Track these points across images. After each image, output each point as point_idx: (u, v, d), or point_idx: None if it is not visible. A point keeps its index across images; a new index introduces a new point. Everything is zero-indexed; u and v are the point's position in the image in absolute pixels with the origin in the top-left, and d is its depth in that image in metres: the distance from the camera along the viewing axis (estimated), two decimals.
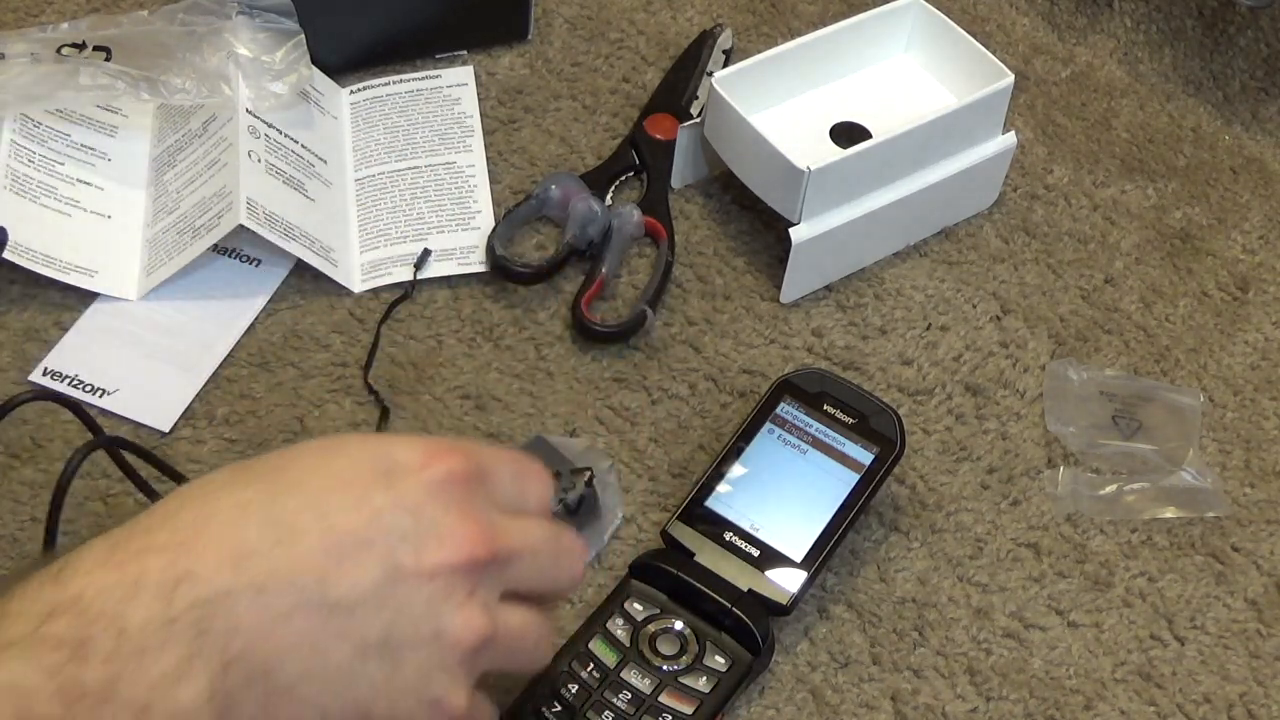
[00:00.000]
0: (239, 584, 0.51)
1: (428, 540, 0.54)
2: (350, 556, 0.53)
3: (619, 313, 0.86)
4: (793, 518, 0.75)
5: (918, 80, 0.92)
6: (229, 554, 0.51)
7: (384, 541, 0.53)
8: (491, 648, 0.56)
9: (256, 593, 0.51)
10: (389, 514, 0.54)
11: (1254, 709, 0.74)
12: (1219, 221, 0.93)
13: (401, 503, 0.54)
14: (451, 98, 0.96)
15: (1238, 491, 0.81)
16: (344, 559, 0.53)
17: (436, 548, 0.54)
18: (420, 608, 0.54)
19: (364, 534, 0.53)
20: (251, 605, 0.51)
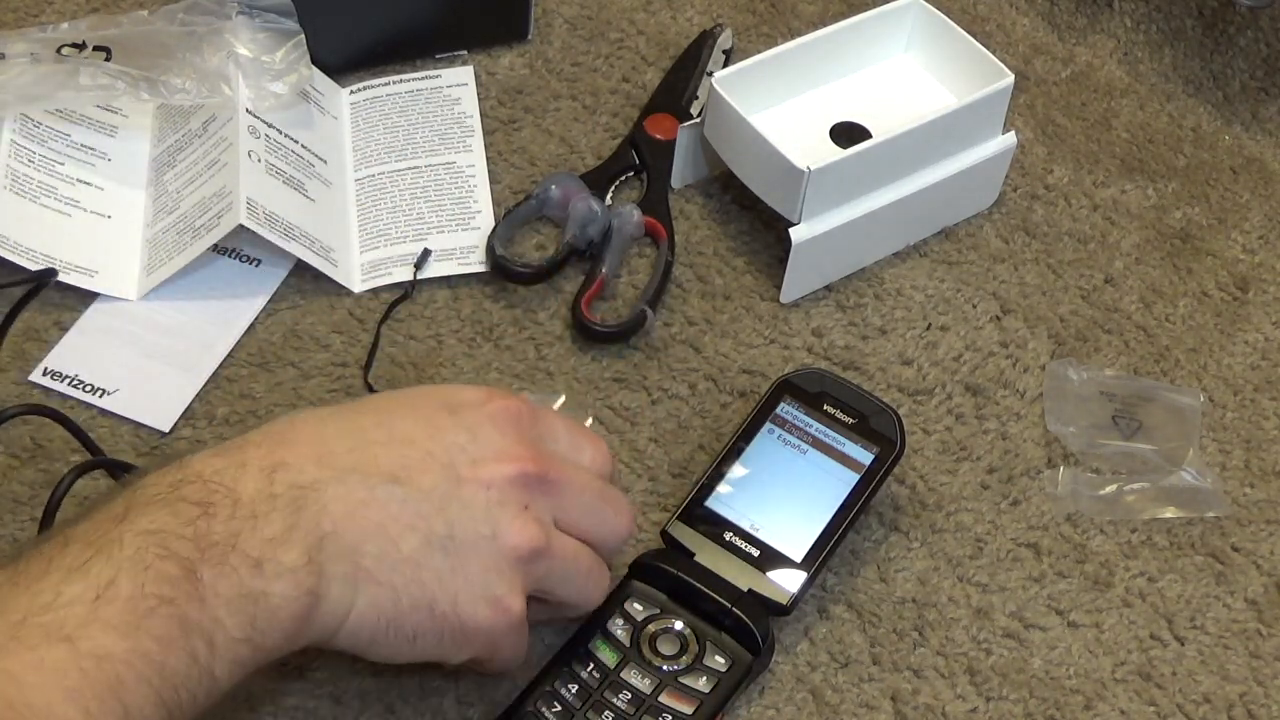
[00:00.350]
0: (323, 475, 0.59)
1: (485, 455, 0.62)
2: (415, 461, 0.61)
3: (619, 313, 0.86)
4: (793, 518, 0.75)
5: (918, 80, 0.92)
6: (313, 453, 0.60)
7: (444, 452, 0.61)
8: (545, 560, 0.63)
9: (339, 483, 0.59)
10: (449, 432, 0.62)
11: (1254, 709, 0.74)
12: (1219, 221, 0.93)
13: (461, 424, 0.62)
14: (451, 98, 0.96)
15: (1238, 491, 0.81)
16: (409, 462, 0.61)
17: (493, 461, 0.62)
18: (479, 510, 0.61)
19: (426, 444, 0.61)
20: (336, 492, 0.59)
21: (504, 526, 0.62)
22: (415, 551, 0.60)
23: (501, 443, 0.63)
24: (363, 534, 0.59)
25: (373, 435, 0.62)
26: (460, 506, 0.61)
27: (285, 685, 0.72)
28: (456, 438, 0.62)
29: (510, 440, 0.63)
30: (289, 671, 0.72)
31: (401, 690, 0.72)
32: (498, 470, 0.62)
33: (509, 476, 0.62)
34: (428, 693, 0.72)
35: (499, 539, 0.62)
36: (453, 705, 0.72)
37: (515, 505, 0.62)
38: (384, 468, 0.61)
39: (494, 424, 0.63)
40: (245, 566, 0.56)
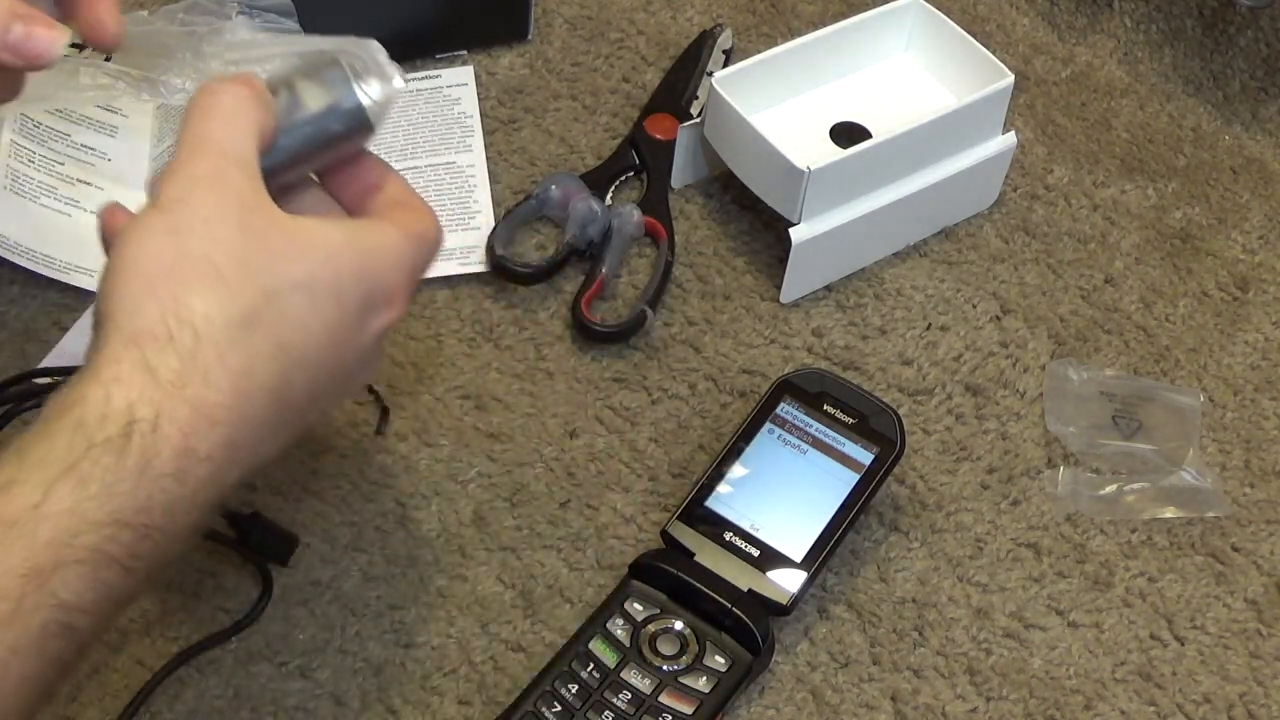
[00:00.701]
0: (233, 480, 0.57)
1: (356, 380, 0.62)
2: (308, 415, 0.59)
3: (619, 313, 0.86)
4: (793, 518, 0.75)
5: (918, 80, 0.92)
6: (244, 447, 0.57)
7: (329, 397, 0.60)
8: None
9: (241, 478, 0.57)
10: (355, 373, 0.61)
11: (1254, 709, 0.74)
12: (1219, 221, 0.93)
13: (361, 360, 0.60)
14: (451, 98, 0.96)
15: (1238, 491, 0.81)
16: (304, 418, 0.59)
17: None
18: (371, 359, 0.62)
19: (322, 399, 0.60)
20: (232, 495, 0.57)
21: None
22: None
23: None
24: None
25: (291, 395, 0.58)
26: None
27: (285, 685, 0.72)
28: (356, 360, 0.61)
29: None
30: (289, 671, 0.73)
31: (401, 690, 0.72)
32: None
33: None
34: (428, 692, 0.72)
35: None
36: (453, 705, 0.72)
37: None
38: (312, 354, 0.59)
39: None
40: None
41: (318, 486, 0.79)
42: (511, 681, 0.73)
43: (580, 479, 0.80)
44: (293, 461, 0.79)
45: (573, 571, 0.77)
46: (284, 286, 0.56)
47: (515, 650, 0.74)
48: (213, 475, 0.55)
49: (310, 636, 0.74)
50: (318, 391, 0.58)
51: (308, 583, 0.75)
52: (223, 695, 0.72)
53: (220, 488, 0.56)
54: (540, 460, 0.80)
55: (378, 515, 0.78)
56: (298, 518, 0.77)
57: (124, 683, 0.71)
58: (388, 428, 0.81)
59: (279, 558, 0.75)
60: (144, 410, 0.53)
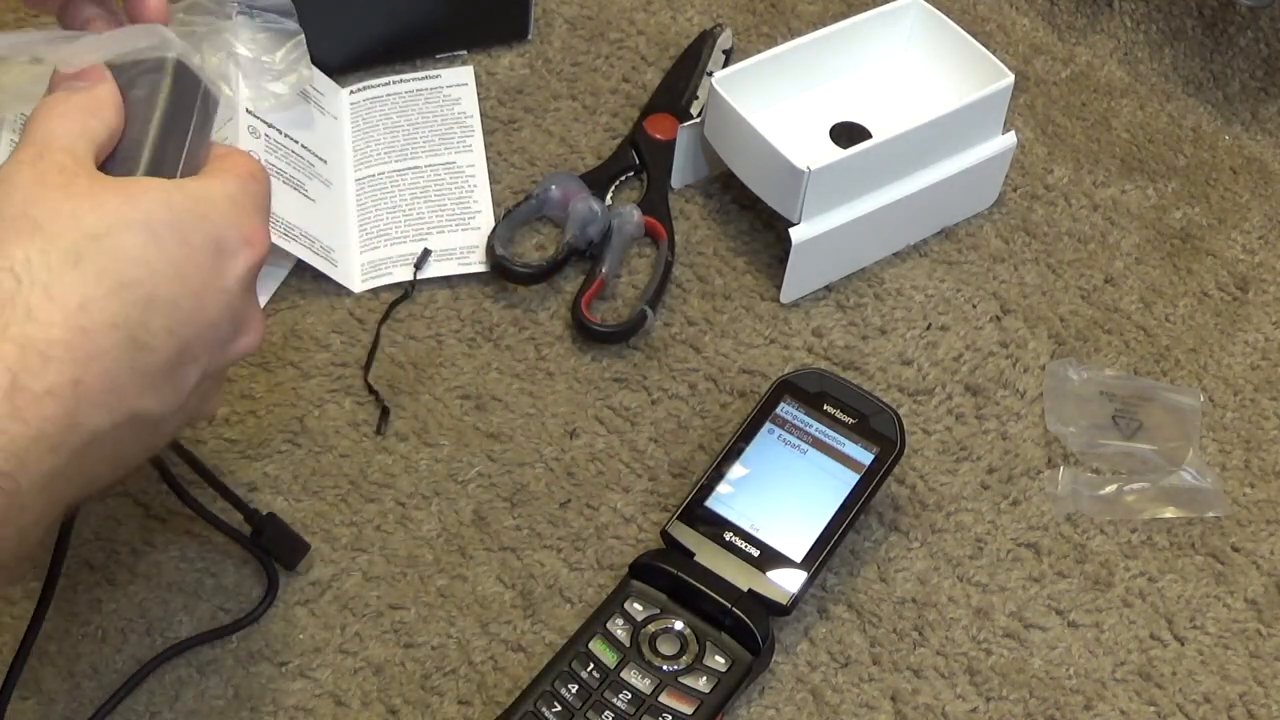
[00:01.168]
0: (103, 425, 0.54)
1: (235, 340, 0.60)
2: (181, 373, 0.57)
3: (619, 313, 0.86)
4: (793, 518, 0.75)
5: (918, 80, 0.92)
6: (99, 389, 0.54)
7: (207, 353, 0.58)
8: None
9: (114, 430, 0.55)
10: (219, 324, 0.58)
11: (1254, 709, 0.74)
12: (1219, 221, 0.93)
13: (227, 309, 0.58)
14: (451, 98, 0.96)
15: (1238, 491, 0.81)
16: (176, 378, 0.57)
17: (240, 347, 0.60)
18: (202, 397, 0.60)
19: (196, 351, 0.58)
20: (103, 448, 0.55)
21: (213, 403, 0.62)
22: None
23: (250, 317, 0.61)
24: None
25: (155, 343, 0.57)
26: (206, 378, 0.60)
27: (285, 685, 0.72)
28: (222, 328, 0.59)
29: (254, 311, 0.61)
30: (289, 671, 0.73)
31: (401, 690, 0.72)
32: (243, 348, 0.61)
33: (249, 353, 0.62)
34: (428, 692, 0.72)
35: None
36: (453, 705, 0.72)
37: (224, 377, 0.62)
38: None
39: (248, 292, 0.60)
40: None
41: (318, 486, 0.79)
42: (511, 681, 0.73)
43: (580, 479, 0.80)
44: (293, 461, 0.79)
45: (573, 571, 0.77)
46: (115, 227, 0.55)
47: (515, 650, 0.74)
48: (63, 415, 0.53)
49: (310, 636, 0.74)
50: (184, 335, 0.56)
51: (308, 583, 0.75)
52: (223, 695, 0.72)
53: (81, 431, 0.53)
54: (540, 460, 0.80)
55: (378, 515, 0.78)
56: (298, 518, 0.77)
57: (124, 683, 0.71)
58: (388, 428, 0.81)
59: (288, 562, 0.75)
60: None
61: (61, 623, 0.73)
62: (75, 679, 0.72)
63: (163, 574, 0.75)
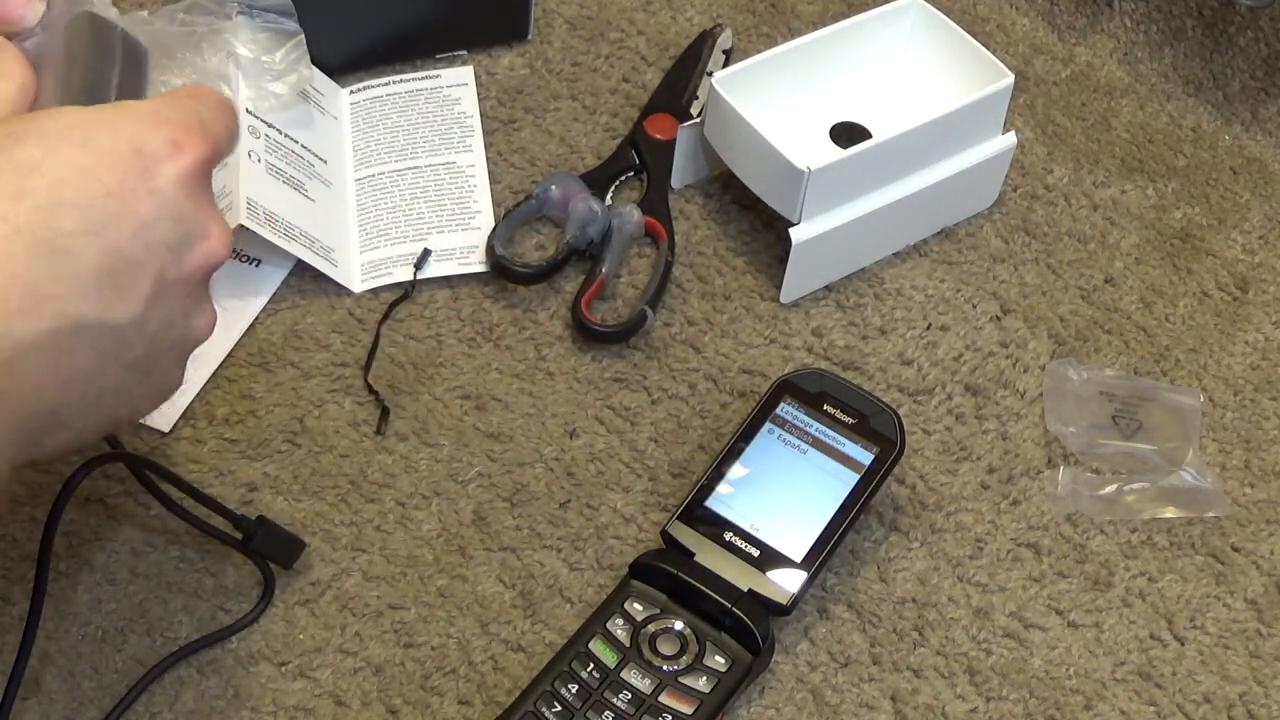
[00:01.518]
0: (29, 333, 0.53)
1: (190, 246, 0.58)
2: (125, 279, 0.55)
3: (619, 313, 0.86)
4: (793, 518, 0.75)
5: (918, 80, 0.92)
6: (16, 295, 0.53)
7: (153, 258, 0.56)
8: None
9: (50, 339, 0.53)
10: (156, 226, 0.56)
11: (1254, 709, 0.74)
12: (1219, 221, 0.93)
13: (164, 210, 0.56)
14: (451, 98, 0.96)
15: (1238, 491, 0.81)
16: (119, 284, 0.55)
17: (199, 254, 0.58)
18: (176, 315, 0.58)
19: (137, 254, 0.55)
20: (41, 359, 0.53)
21: (194, 324, 0.60)
22: (112, 380, 0.57)
23: (202, 221, 0.58)
24: (66, 391, 0.56)
25: (78, 249, 0.54)
26: (160, 320, 0.58)
27: (285, 685, 0.72)
28: (163, 232, 0.57)
29: (207, 214, 0.59)
30: (289, 671, 0.73)
31: (401, 690, 0.72)
32: (200, 263, 0.59)
33: (210, 267, 0.60)
34: (428, 692, 0.72)
35: (185, 342, 0.60)
36: (453, 705, 0.72)
37: (204, 293, 0.61)
38: (94, 297, 0.55)
39: (191, 195, 0.58)
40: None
41: (318, 486, 0.79)
42: (511, 681, 0.73)
43: (580, 479, 0.80)
44: (293, 461, 0.79)
45: (573, 571, 0.77)
46: (4, 142, 0.54)
47: (515, 650, 0.74)
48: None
49: (310, 636, 0.74)
50: (112, 237, 0.55)
51: (308, 583, 0.75)
52: (223, 695, 0.72)
53: (8, 340, 0.52)
54: (540, 460, 0.80)
55: (378, 515, 0.78)
56: (298, 518, 0.77)
57: (124, 683, 0.71)
58: (388, 428, 0.81)
59: (283, 561, 0.75)
60: None
61: (61, 623, 0.73)
62: (75, 679, 0.72)
63: (163, 574, 0.75)
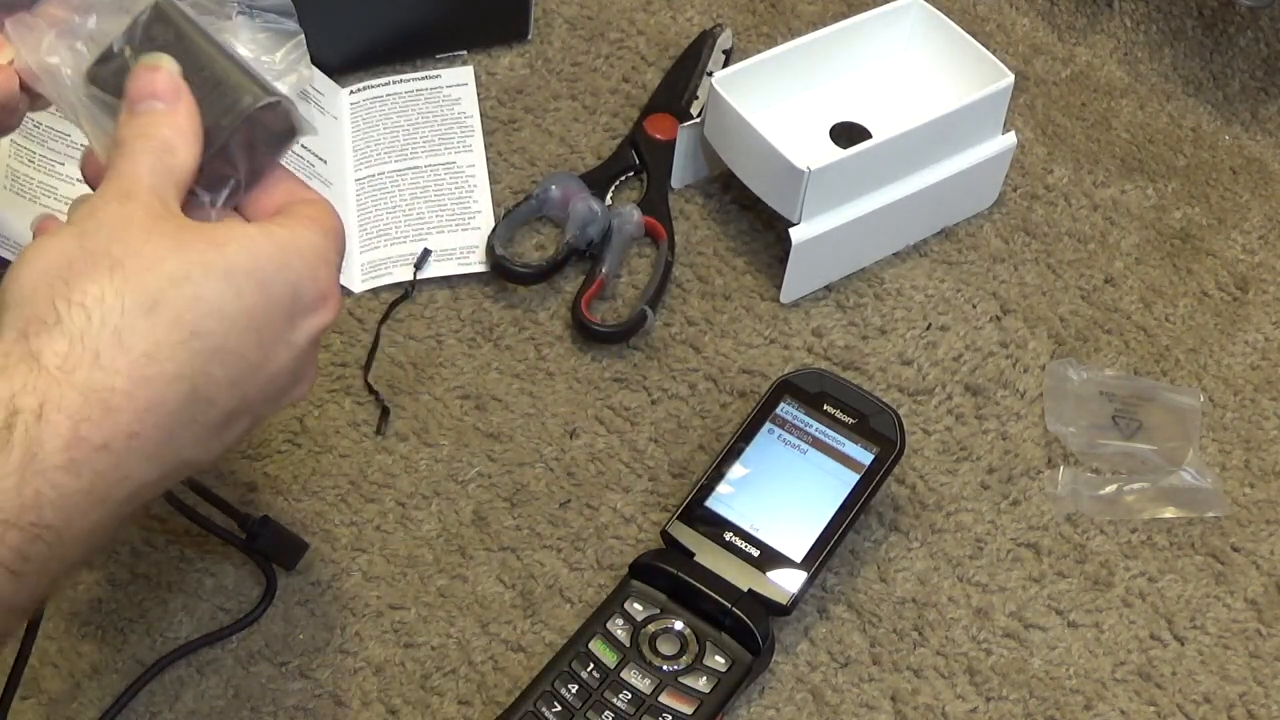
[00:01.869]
0: (150, 476, 0.53)
1: (289, 392, 0.58)
2: (237, 421, 0.56)
3: (619, 313, 0.86)
4: (793, 518, 0.75)
5: (918, 80, 0.92)
6: (154, 442, 0.53)
7: (264, 402, 0.57)
8: None
9: (164, 479, 0.54)
10: (279, 378, 0.57)
11: (1254, 709, 0.74)
12: (1219, 221, 0.93)
13: (291, 364, 0.57)
14: (451, 98, 0.96)
15: (1238, 491, 0.81)
16: (230, 425, 0.56)
17: (292, 398, 0.59)
18: (243, 431, 0.58)
19: (255, 404, 0.57)
20: (148, 491, 0.54)
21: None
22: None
23: (310, 368, 0.60)
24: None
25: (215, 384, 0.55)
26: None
27: (286, 685, 0.72)
28: (284, 372, 0.58)
29: (313, 364, 0.60)
30: (289, 671, 0.73)
31: (401, 690, 0.72)
32: (302, 393, 0.60)
33: (306, 394, 0.61)
34: (428, 692, 0.72)
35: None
36: (453, 705, 0.72)
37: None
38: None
39: (314, 348, 0.59)
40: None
41: (318, 486, 0.79)
42: (511, 681, 0.73)
43: (580, 479, 0.80)
44: (293, 461, 0.79)
45: (573, 571, 0.77)
46: (195, 273, 0.53)
47: (515, 650, 0.74)
48: (115, 468, 0.51)
49: (310, 636, 0.74)
50: (245, 388, 0.55)
51: (308, 583, 0.75)
52: (223, 695, 0.72)
53: (128, 484, 0.52)
54: (540, 460, 0.80)
55: (378, 515, 0.78)
56: (298, 518, 0.77)
57: (124, 683, 0.71)
58: (388, 428, 0.81)
59: (286, 562, 0.75)
60: (27, 399, 0.49)
61: (61, 623, 0.73)
62: (75, 679, 0.72)
63: (163, 574, 0.75)
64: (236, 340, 0.54)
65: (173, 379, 0.52)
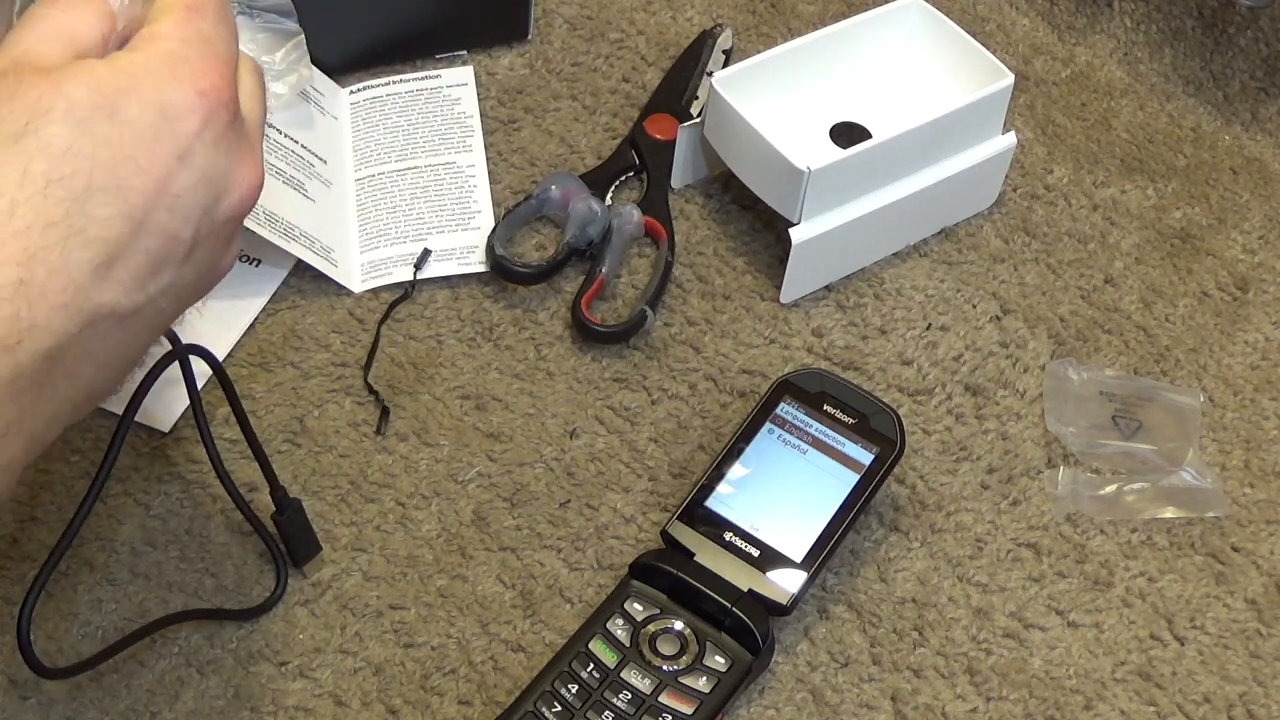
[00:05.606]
0: (70, 327, 0.52)
1: (221, 201, 0.56)
2: (160, 254, 0.55)
3: (619, 313, 0.86)
4: (793, 518, 0.75)
5: (918, 80, 0.92)
6: (55, 290, 0.52)
7: (188, 225, 0.55)
8: None
9: (89, 330, 0.53)
10: (190, 193, 0.55)
11: (1254, 709, 0.74)
12: (1219, 221, 0.93)
13: (197, 174, 0.55)
14: (451, 98, 0.96)
15: (1238, 491, 0.81)
16: (155, 261, 0.54)
17: (231, 206, 0.57)
18: (205, 265, 0.57)
19: (172, 228, 0.55)
20: (79, 348, 0.53)
21: (227, 255, 0.60)
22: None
23: (235, 173, 0.57)
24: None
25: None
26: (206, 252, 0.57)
27: (285, 685, 0.72)
28: (198, 198, 0.56)
29: (239, 165, 0.57)
30: (289, 671, 0.73)
31: (401, 690, 0.72)
32: (233, 211, 0.58)
33: (242, 213, 0.58)
34: (428, 692, 0.72)
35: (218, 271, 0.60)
36: (453, 705, 0.72)
37: (236, 232, 0.60)
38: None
39: (221, 152, 0.56)
40: None
41: (318, 486, 0.79)
42: (511, 681, 0.73)
43: (580, 479, 0.80)
44: (293, 461, 0.79)
45: (573, 571, 0.77)
46: (34, 121, 0.52)
47: (515, 650, 0.74)
48: (14, 317, 0.51)
49: (310, 636, 0.74)
50: (149, 216, 0.54)
51: (308, 583, 0.75)
52: (223, 695, 0.72)
53: (41, 334, 0.51)
54: (540, 460, 0.80)
55: (378, 515, 0.78)
56: None
57: (124, 683, 0.72)
58: (388, 428, 0.81)
59: (297, 558, 0.75)
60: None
61: (62, 623, 0.73)
62: (75, 679, 0.71)
63: (163, 574, 0.75)
64: (104, 175, 0.53)
65: (44, 227, 0.51)
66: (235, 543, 0.76)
